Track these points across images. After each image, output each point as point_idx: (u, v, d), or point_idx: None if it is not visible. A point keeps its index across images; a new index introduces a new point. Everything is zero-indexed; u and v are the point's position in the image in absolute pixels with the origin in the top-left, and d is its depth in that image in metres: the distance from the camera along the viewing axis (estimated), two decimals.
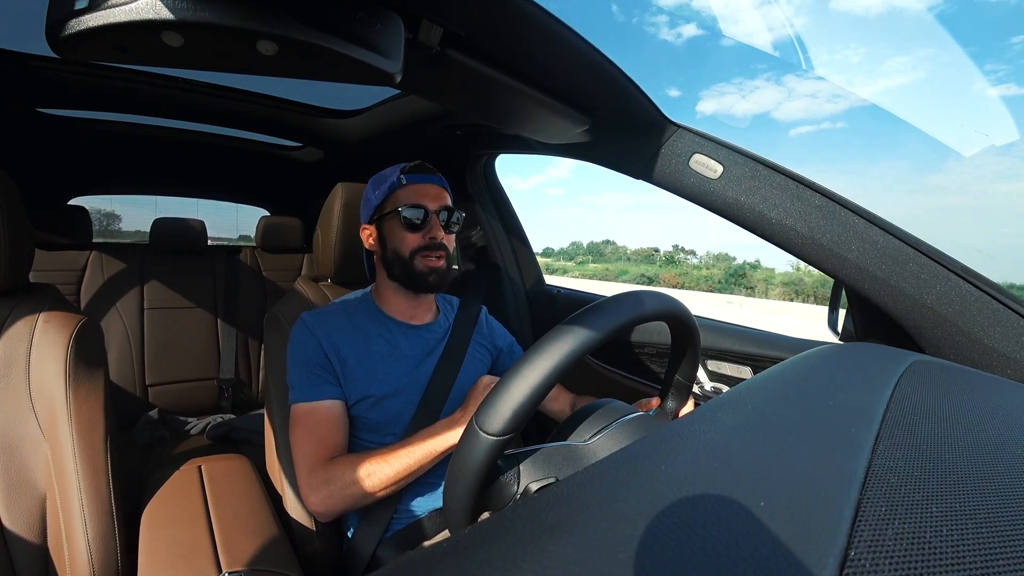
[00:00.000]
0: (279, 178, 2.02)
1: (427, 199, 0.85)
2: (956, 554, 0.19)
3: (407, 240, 0.84)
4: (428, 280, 0.85)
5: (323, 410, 0.78)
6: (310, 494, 0.73)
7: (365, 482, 0.71)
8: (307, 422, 0.77)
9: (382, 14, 0.44)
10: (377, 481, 0.71)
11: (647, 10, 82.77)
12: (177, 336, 1.62)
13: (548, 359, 0.41)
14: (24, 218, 0.72)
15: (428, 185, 0.86)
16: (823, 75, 72.69)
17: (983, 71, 61.65)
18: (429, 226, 0.84)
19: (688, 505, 0.21)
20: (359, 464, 0.72)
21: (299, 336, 0.83)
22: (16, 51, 0.96)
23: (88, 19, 0.36)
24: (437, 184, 0.87)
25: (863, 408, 0.32)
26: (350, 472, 0.72)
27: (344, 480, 0.72)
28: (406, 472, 0.72)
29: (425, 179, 0.87)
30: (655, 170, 0.79)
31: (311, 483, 0.73)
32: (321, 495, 0.72)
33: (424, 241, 0.84)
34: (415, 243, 0.84)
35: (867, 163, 64.99)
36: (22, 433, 0.68)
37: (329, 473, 0.73)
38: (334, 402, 0.79)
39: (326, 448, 0.75)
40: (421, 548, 0.75)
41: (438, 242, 0.84)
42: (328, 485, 0.72)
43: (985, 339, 0.59)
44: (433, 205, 0.85)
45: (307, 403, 0.78)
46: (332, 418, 0.78)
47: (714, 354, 0.97)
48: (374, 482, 0.71)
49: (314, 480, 0.73)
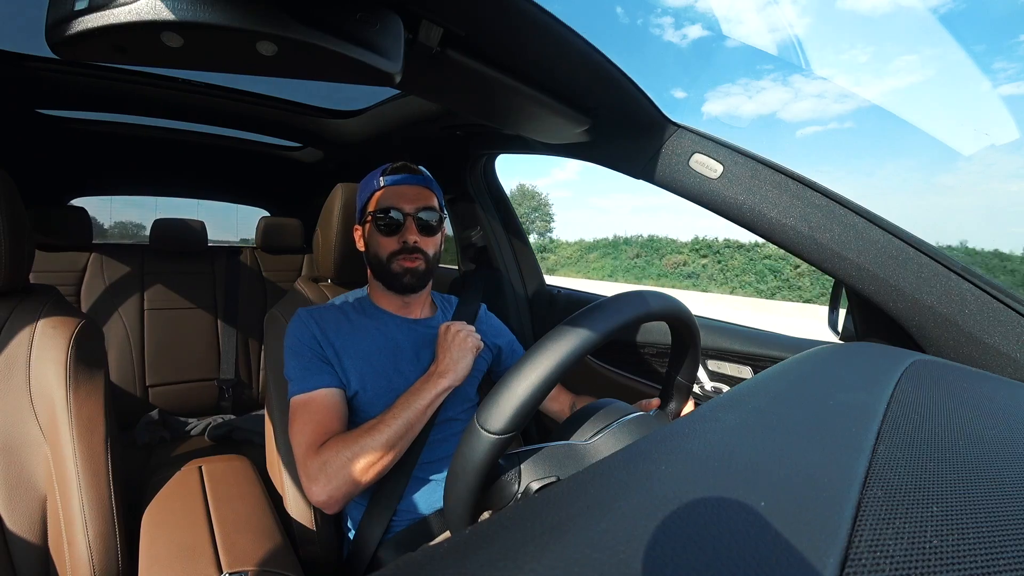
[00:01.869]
0: (279, 179, 2.02)
1: (404, 201, 0.84)
2: (956, 554, 0.19)
3: (383, 244, 0.85)
4: (403, 281, 0.85)
5: (319, 399, 0.76)
6: (310, 485, 0.70)
7: (360, 457, 0.69)
8: (303, 412, 0.76)
9: (382, 14, 0.44)
10: (372, 452, 0.69)
11: (652, 11, 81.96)
12: (177, 337, 1.62)
13: (550, 358, 0.41)
14: (24, 218, 0.72)
15: (407, 186, 0.86)
16: (827, 76, 72.58)
17: (991, 70, 61.30)
18: (403, 230, 0.84)
19: (689, 505, 0.21)
20: (350, 441, 0.70)
21: (295, 329, 0.83)
22: (16, 52, 0.96)
23: (88, 20, 0.36)
24: (418, 184, 0.87)
25: (863, 408, 0.32)
26: (344, 451, 0.69)
27: (339, 461, 0.69)
28: (397, 436, 0.71)
29: (404, 180, 0.86)
30: (655, 170, 0.79)
31: (308, 472, 0.70)
32: (320, 483, 0.69)
33: (398, 245, 0.84)
34: (391, 247, 0.85)
35: (875, 163, 64.48)
36: (22, 434, 0.68)
37: (323, 458, 0.70)
38: (331, 390, 0.78)
39: (322, 436, 0.73)
40: (422, 548, 0.75)
41: (411, 246, 0.84)
42: (324, 470, 0.69)
43: (985, 338, 0.59)
44: (409, 207, 0.84)
45: (304, 394, 0.77)
46: (329, 406, 0.76)
47: (714, 354, 0.97)
48: (369, 454, 0.69)
49: (311, 468, 0.70)
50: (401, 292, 0.88)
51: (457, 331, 0.81)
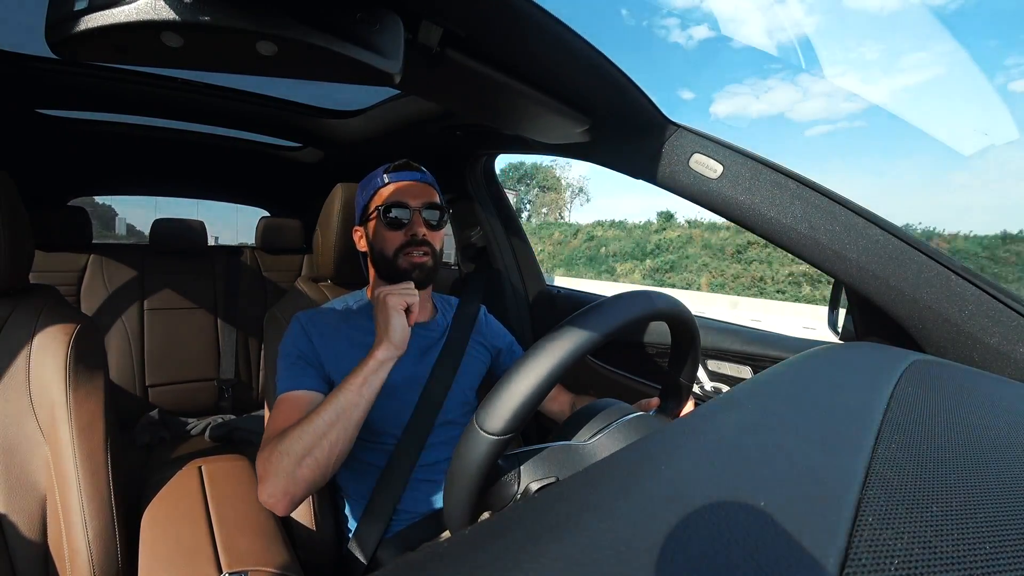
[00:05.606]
0: (279, 178, 2.02)
1: (408, 196, 0.84)
2: (956, 553, 0.19)
3: (390, 239, 0.84)
4: (412, 277, 0.84)
5: (293, 399, 0.73)
6: (258, 486, 0.65)
7: (292, 447, 0.63)
8: (276, 411, 0.73)
9: (382, 14, 0.44)
10: (303, 439, 0.63)
11: (657, 13, 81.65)
12: (177, 337, 1.62)
13: (549, 358, 0.41)
14: (24, 218, 0.73)
15: (410, 183, 0.86)
16: (830, 76, 72.27)
17: (1005, 65, 61.04)
18: (411, 223, 0.84)
19: (688, 505, 0.21)
20: (287, 433, 0.65)
21: (291, 334, 0.82)
22: (16, 52, 0.96)
23: (88, 20, 0.36)
24: (421, 181, 0.87)
25: (863, 408, 0.32)
26: (278, 444, 0.64)
27: (274, 455, 0.64)
28: (329, 421, 0.64)
29: (407, 176, 0.87)
30: (655, 170, 0.79)
31: (259, 474, 0.66)
32: (264, 484, 0.64)
33: (406, 238, 0.84)
34: (398, 241, 0.84)
35: (887, 163, 64.11)
36: (22, 434, 0.68)
37: (264, 455, 0.66)
38: (308, 392, 0.75)
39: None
40: (422, 548, 0.75)
41: (420, 238, 0.84)
42: (265, 467, 0.64)
43: (985, 338, 0.59)
44: (415, 202, 0.84)
45: (283, 393, 0.75)
46: (300, 407, 0.72)
47: (714, 354, 0.97)
48: (300, 442, 0.63)
49: (258, 468, 0.66)
50: None
51: (383, 296, 0.73)
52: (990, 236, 15.82)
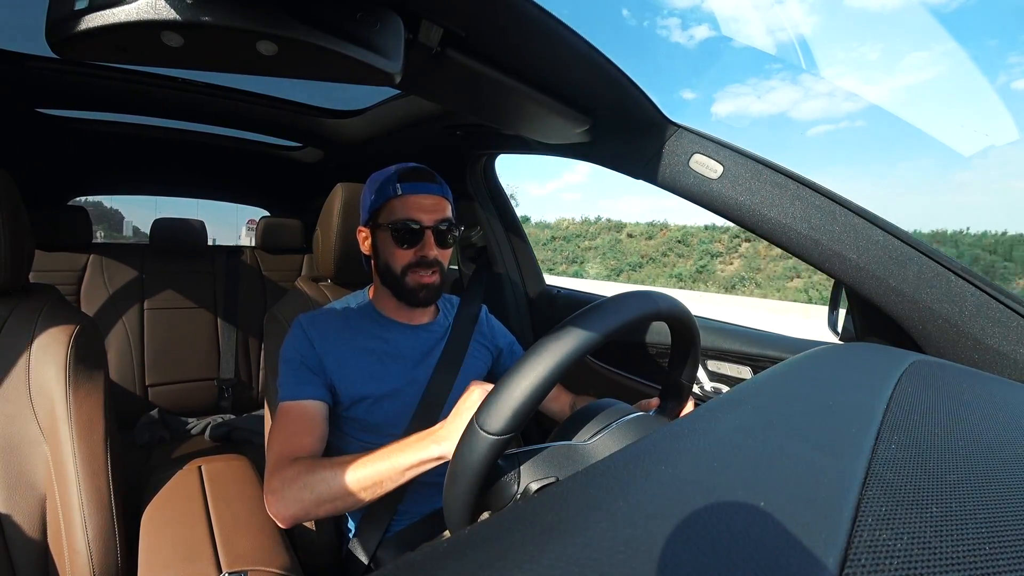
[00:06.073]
0: (279, 178, 2.02)
1: (422, 212, 0.81)
2: (956, 554, 0.20)
3: (398, 256, 0.82)
4: (418, 296, 0.83)
5: (298, 409, 0.74)
6: (268, 495, 0.67)
7: (319, 490, 0.64)
8: (283, 420, 0.74)
9: (382, 14, 0.44)
10: (332, 489, 0.64)
11: (658, 13, 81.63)
12: (177, 336, 1.62)
13: (549, 358, 0.41)
14: (24, 218, 0.73)
15: (425, 196, 0.82)
16: (829, 76, 72.28)
17: (1006, 64, 60.97)
18: (422, 243, 0.81)
19: (688, 505, 0.21)
20: (317, 469, 0.66)
21: (293, 338, 0.82)
22: (16, 51, 0.96)
23: (88, 19, 0.36)
24: (436, 194, 0.83)
25: (863, 408, 0.32)
26: (307, 476, 0.65)
27: (298, 484, 0.65)
28: (363, 484, 0.64)
29: (422, 189, 0.82)
30: (655, 170, 0.79)
31: (270, 485, 0.68)
32: (276, 498, 0.66)
33: (415, 258, 0.81)
34: (406, 259, 0.81)
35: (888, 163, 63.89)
36: (22, 433, 0.68)
37: (286, 475, 0.67)
38: (314, 403, 0.75)
39: (292, 449, 0.71)
40: (421, 548, 0.75)
41: (430, 259, 0.81)
42: (283, 489, 0.66)
43: (985, 339, 0.59)
44: (428, 220, 0.81)
45: (287, 402, 0.75)
46: (306, 419, 0.74)
47: (714, 354, 0.97)
48: (329, 490, 0.64)
49: (273, 482, 0.67)
50: (413, 306, 0.86)
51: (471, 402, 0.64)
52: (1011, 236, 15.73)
